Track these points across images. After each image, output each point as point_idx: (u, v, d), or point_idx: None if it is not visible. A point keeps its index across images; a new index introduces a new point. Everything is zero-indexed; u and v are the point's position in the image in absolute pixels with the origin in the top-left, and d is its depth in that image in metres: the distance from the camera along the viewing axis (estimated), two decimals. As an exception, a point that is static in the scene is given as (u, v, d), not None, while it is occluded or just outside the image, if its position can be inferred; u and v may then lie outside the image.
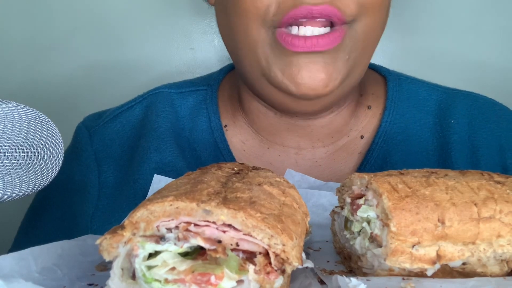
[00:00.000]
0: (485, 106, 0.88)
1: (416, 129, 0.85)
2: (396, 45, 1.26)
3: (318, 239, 0.64)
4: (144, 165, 0.83)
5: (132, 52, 1.28)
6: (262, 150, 0.86)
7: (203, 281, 0.40)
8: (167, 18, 1.26)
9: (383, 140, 0.83)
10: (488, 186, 0.51)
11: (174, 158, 0.84)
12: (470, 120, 0.85)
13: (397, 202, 0.48)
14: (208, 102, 0.89)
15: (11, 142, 0.49)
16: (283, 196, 0.49)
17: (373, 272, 0.50)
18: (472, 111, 0.86)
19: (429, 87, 0.90)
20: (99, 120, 0.90)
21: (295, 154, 0.85)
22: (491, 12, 1.25)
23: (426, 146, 0.84)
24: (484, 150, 0.83)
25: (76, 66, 1.27)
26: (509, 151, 0.84)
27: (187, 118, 0.89)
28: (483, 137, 0.84)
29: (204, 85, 0.92)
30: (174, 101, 0.90)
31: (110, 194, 0.83)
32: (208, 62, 1.03)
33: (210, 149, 0.86)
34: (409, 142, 0.84)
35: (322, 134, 0.85)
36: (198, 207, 0.41)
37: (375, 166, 0.82)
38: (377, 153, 0.83)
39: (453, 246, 0.48)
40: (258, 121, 0.86)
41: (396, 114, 0.85)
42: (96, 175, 0.85)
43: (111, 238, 0.42)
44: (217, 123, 0.87)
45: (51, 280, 0.49)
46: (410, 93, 0.88)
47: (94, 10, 1.26)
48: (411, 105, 0.87)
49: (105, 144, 0.87)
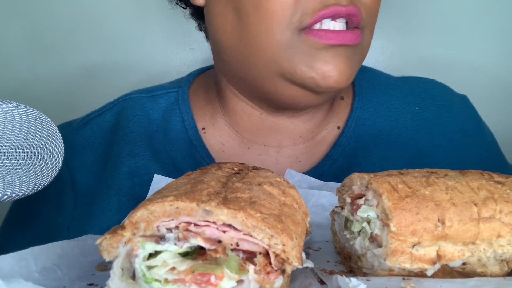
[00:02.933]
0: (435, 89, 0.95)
1: (385, 111, 0.89)
2: (395, 46, 1.26)
3: (318, 239, 0.64)
4: (117, 171, 0.82)
5: (132, 52, 1.28)
6: (242, 150, 0.86)
7: (203, 281, 0.40)
8: (167, 18, 1.26)
9: (355, 125, 0.87)
10: (488, 186, 0.51)
11: (147, 161, 0.84)
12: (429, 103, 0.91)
13: (397, 202, 0.48)
14: (180, 103, 0.89)
15: (11, 142, 0.49)
16: (283, 196, 0.49)
17: (373, 272, 0.50)
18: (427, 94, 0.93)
19: (386, 74, 0.96)
20: (69, 128, 0.89)
21: (275, 153, 0.86)
22: (490, 14, 1.25)
23: (396, 126, 0.88)
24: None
25: (76, 66, 1.27)
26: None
27: (160, 120, 0.88)
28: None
29: (174, 87, 0.92)
30: (145, 104, 0.90)
31: (86, 203, 0.82)
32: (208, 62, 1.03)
33: (186, 149, 0.86)
34: (379, 123, 0.88)
35: (304, 130, 0.87)
36: (198, 207, 0.41)
37: (346, 150, 0.85)
38: (348, 137, 0.86)
39: (453, 246, 0.48)
40: (241, 121, 0.86)
41: (365, 100, 0.89)
42: (70, 186, 0.84)
43: (111, 238, 0.42)
44: (190, 122, 0.87)
45: (51, 280, 0.49)
46: (373, 79, 0.93)
47: (93, 10, 1.26)
48: (376, 89, 0.91)
49: (76, 152, 0.86)
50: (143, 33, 1.27)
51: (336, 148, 0.85)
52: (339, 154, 0.85)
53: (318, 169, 0.84)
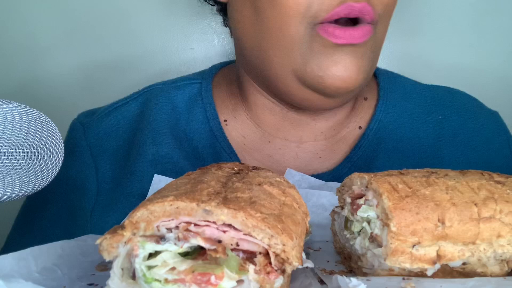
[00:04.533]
0: (462, 99, 0.94)
1: (407, 118, 0.89)
2: (396, 48, 1.26)
3: (318, 239, 0.64)
4: (140, 158, 0.84)
5: (132, 52, 1.28)
6: (263, 144, 0.87)
7: (203, 281, 0.40)
8: (167, 18, 1.26)
9: (377, 128, 0.87)
10: (488, 186, 0.51)
11: (170, 150, 0.85)
12: (456, 113, 0.91)
13: (397, 202, 0.48)
14: (203, 94, 0.90)
15: (11, 142, 0.49)
16: (283, 196, 0.49)
17: (373, 272, 0.50)
18: (455, 104, 0.92)
19: (412, 81, 0.95)
20: (94, 116, 0.91)
21: (296, 147, 0.87)
22: (491, 16, 1.25)
23: (417, 134, 0.88)
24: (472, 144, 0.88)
25: (76, 66, 1.27)
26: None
27: (183, 109, 0.90)
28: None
29: (197, 79, 0.93)
30: (170, 94, 0.91)
31: (109, 189, 0.84)
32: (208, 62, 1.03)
33: (207, 139, 0.87)
34: (401, 130, 0.87)
35: (326, 127, 0.87)
36: (198, 207, 0.41)
37: (367, 152, 0.85)
38: (370, 140, 0.86)
39: (453, 246, 0.48)
40: (263, 115, 0.87)
41: (388, 104, 0.89)
42: (94, 171, 0.85)
43: (111, 238, 0.42)
44: (213, 113, 0.88)
45: (51, 280, 0.49)
46: (399, 86, 0.92)
47: (93, 11, 1.25)
48: (400, 96, 0.91)
49: (100, 139, 0.87)
50: (143, 33, 1.27)
51: (356, 150, 0.86)
52: (359, 156, 0.85)
53: (338, 171, 0.84)
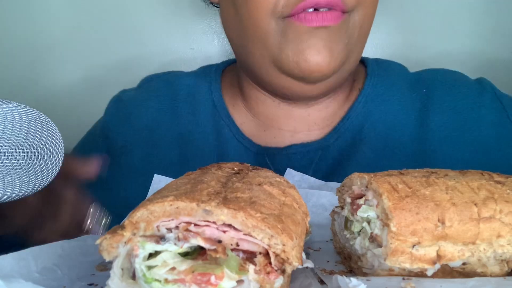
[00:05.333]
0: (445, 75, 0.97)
1: (395, 91, 0.92)
2: (396, 44, 1.26)
3: (318, 239, 0.64)
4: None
5: (132, 52, 1.28)
6: (259, 132, 0.92)
7: (203, 281, 0.40)
8: (167, 18, 1.26)
9: (365, 100, 0.90)
10: (488, 186, 0.51)
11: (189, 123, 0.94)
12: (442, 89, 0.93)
13: (397, 202, 0.48)
14: (212, 74, 0.97)
15: (11, 142, 0.49)
16: (283, 196, 0.49)
17: (373, 272, 0.50)
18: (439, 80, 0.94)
19: (400, 64, 0.99)
20: (119, 96, 1.00)
21: (290, 137, 0.90)
22: (490, 11, 1.25)
23: (404, 106, 0.90)
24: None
25: (76, 66, 1.27)
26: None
27: (192, 83, 0.97)
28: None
29: (212, 66, 1.01)
30: (183, 73, 1.01)
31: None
32: (208, 62, 1.03)
33: (209, 108, 0.94)
34: (389, 102, 0.90)
35: (319, 118, 0.91)
36: (198, 207, 0.41)
37: (353, 125, 0.88)
38: (357, 113, 0.89)
39: (453, 246, 0.48)
40: (257, 107, 0.92)
41: (377, 80, 0.92)
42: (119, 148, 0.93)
43: (111, 238, 0.42)
44: (216, 88, 0.95)
45: (51, 280, 0.49)
46: (387, 66, 0.96)
47: (94, 11, 1.26)
48: (389, 73, 0.94)
49: (128, 116, 0.97)
50: (143, 33, 1.27)
51: (344, 121, 0.88)
52: (346, 128, 0.88)
53: (326, 141, 0.88)
